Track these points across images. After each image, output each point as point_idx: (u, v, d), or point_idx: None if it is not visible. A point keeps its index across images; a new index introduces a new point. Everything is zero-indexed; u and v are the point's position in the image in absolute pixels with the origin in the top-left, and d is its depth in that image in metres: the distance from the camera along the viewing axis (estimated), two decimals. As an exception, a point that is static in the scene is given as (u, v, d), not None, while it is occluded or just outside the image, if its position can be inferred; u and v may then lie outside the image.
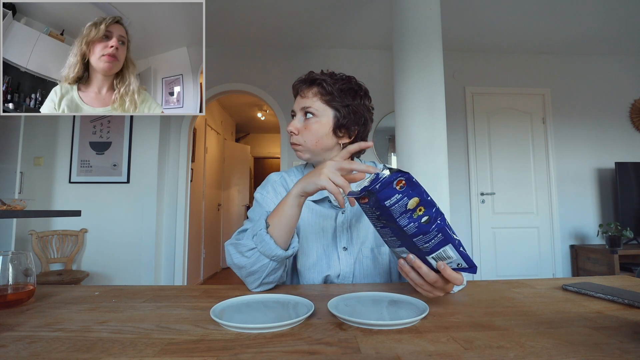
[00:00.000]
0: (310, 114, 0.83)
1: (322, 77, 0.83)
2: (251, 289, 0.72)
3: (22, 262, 0.65)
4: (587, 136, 3.64)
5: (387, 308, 0.58)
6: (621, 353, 0.40)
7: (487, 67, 3.69)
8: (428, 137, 2.14)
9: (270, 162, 7.46)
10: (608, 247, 3.07)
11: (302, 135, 0.83)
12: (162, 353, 0.42)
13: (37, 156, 3.10)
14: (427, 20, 2.22)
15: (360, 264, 0.84)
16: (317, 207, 0.87)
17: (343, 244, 0.84)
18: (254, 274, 0.70)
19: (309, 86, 0.84)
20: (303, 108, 0.83)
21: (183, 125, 3.51)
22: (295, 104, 0.86)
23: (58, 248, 2.95)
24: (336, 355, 0.40)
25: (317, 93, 0.83)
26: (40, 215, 2.67)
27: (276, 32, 3.28)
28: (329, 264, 0.83)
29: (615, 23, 3.14)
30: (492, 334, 0.47)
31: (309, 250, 0.84)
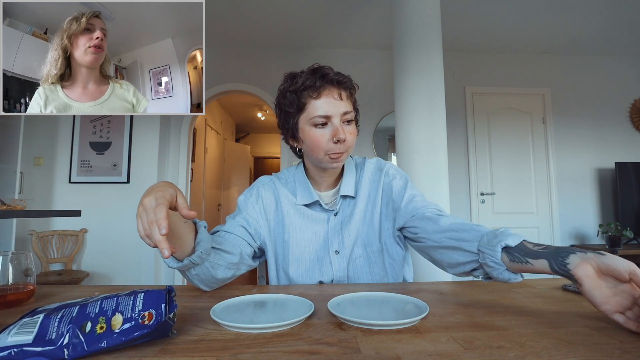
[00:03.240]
0: (352, 120, 0.78)
1: (348, 79, 0.78)
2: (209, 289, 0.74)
3: (22, 262, 0.65)
4: (587, 136, 3.64)
5: (387, 308, 0.58)
6: (621, 353, 0.40)
7: (487, 67, 3.69)
8: (428, 137, 2.14)
9: (270, 162, 7.46)
10: (608, 247, 3.07)
11: (346, 143, 0.76)
12: (162, 353, 0.41)
13: (37, 156, 3.10)
14: (427, 20, 2.23)
15: (353, 265, 0.82)
16: (308, 211, 0.85)
17: (335, 247, 0.83)
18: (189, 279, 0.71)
19: (344, 88, 0.78)
20: (345, 113, 0.76)
21: (183, 125, 3.51)
22: (328, 107, 0.75)
23: (58, 248, 2.95)
24: (336, 355, 0.40)
25: (350, 96, 0.79)
26: (40, 215, 2.67)
27: (276, 32, 3.28)
28: (322, 270, 0.81)
29: (615, 23, 3.14)
30: (492, 334, 0.47)
31: (301, 257, 0.82)
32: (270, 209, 0.86)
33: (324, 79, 0.75)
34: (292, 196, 0.87)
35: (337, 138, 0.74)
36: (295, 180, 0.88)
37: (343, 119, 0.76)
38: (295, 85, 0.76)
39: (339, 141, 0.74)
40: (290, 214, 0.85)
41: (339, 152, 0.76)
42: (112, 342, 0.41)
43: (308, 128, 0.77)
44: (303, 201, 0.85)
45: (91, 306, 0.44)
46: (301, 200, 0.85)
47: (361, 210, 0.85)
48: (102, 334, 0.41)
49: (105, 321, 0.42)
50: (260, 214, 0.85)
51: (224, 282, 0.75)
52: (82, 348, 0.40)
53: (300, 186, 0.86)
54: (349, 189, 0.85)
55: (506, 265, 0.60)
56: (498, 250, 0.59)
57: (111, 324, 0.42)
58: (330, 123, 0.76)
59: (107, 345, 0.41)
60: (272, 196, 0.87)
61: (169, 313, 0.44)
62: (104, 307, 0.43)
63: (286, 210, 0.86)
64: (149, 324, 0.42)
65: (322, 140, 0.75)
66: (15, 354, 0.38)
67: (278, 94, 0.82)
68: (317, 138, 0.76)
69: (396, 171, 0.89)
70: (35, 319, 0.42)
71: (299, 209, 0.85)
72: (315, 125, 0.76)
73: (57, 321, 0.41)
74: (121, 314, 0.43)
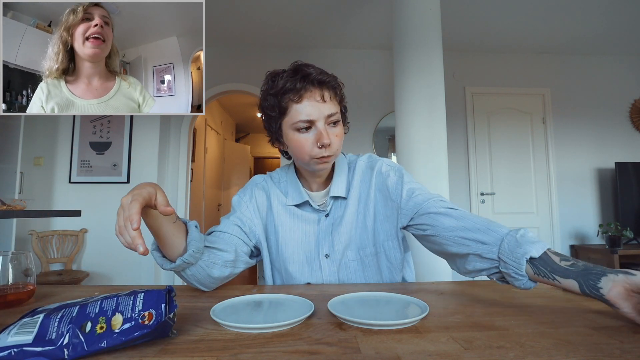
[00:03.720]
0: (338, 121, 0.75)
1: (332, 77, 0.75)
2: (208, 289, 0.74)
3: (22, 262, 0.65)
4: (587, 136, 3.64)
5: (387, 308, 0.58)
6: (621, 353, 0.40)
7: (487, 67, 3.69)
8: (428, 137, 2.14)
9: (270, 162, 7.46)
10: (608, 247, 3.07)
11: (332, 146, 0.73)
12: (162, 353, 0.41)
13: (37, 156, 3.10)
14: (427, 20, 2.22)
15: (345, 270, 0.80)
16: (298, 211, 0.83)
17: (325, 251, 0.80)
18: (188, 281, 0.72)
19: (328, 88, 0.73)
20: (330, 115, 0.72)
21: (183, 125, 3.51)
22: (311, 111, 0.71)
23: (58, 248, 2.95)
24: (336, 355, 0.40)
25: (333, 96, 0.74)
26: (40, 215, 2.67)
27: (276, 32, 3.28)
28: (311, 273, 0.80)
29: (615, 23, 3.14)
30: (492, 334, 0.47)
31: (291, 258, 0.81)
32: (263, 208, 0.85)
33: (305, 79, 0.70)
34: (283, 196, 0.85)
35: (321, 143, 0.71)
36: (287, 180, 0.87)
37: (328, 121, 0.72)
38: (275, 87, 0.72)
39: (323, 146, 0.71)
40: (281, 214, 0.84)
41: (325, 156, 0.73)
42: (112, 342, 0.41)
43: (291, 133, 0.73)
44: (293, 201, 0.83)
45: (91, 306, 0.44)
46: (291, 200, 0.83)
47: (352, 213, 0.82)
48: (102, 334, 0.41)
49: (105, 321, 0.42)
50: (254, 213, 0.84)
51: (222, 281, 0.75)
52: (82, 348, 0.40)
53: (291, 186, 0.85)
54: (340, 189, 0.82)
55: (529, 276, 0.59)
56: (523, 263, 0.59)
57: (111, 324, 0.42)
58: (314, 127, 0.72)
59: (107, 345, 0.41)
60: (264, 196, 0.86)
61: (169, 313, 0.44)
62: (104, 307, 0.43)
63: (277, 210, 0.84)
64: (149, 324, 0.42)
65: (306, 145, 0.72)
66: (15, 354, 0.38)
67: (260, 95, 0.78)
68: (301, 143, 0.72)
69: (389, 167, 0.84)
70: (35, 319, 0.42)
71: (289, 209, 0.84)
72: (299, 130, 0.72)
73: (57, 321, 0.41)
74: (121, 314, 0.43)
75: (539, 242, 0.59)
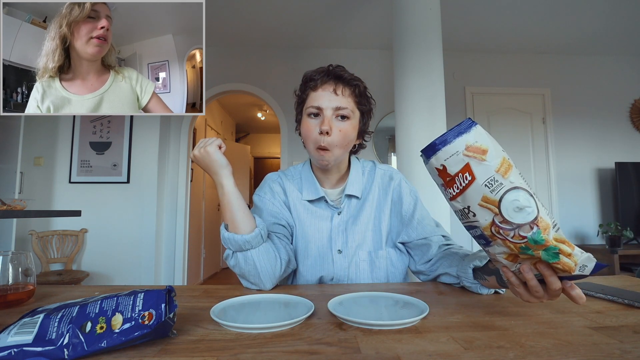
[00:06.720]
0: (346, 116, 0.78)
1: (354, 77, 0.80)
2: (267, 288, 0.72)
3: (22, 262, 0.65)
4: (587, 136, 3.64)
5: (387, 308, 0.58)
6: (621, 353, 0.40)
7: (487, 67, 3.69)
8: (428, 137, 2.14)
9: (270, 162, 7.45)
10: (608, 247, 3.07)
11: (333, 138, 0.76)
12: (162, 353, 0.41)
13: (37, 156, 3.10)
14: (427, 20, 2.22)
15: (356, 268, 0.82)
16: (312, 207, 0.86)
17: (338, 246, 0.83)
18: (251, 273, 0.71)
19: (345, 84, 0.78)
20: (338, 108, 0.77)
21: (183, 125, 3.51)
22: (322, 100, 0.77)
23: (58, 248, 2.95)
24: (336, 355, 0.40)
25: (351, 94, 0.79)
26: (40, 215, 2.67)
27: (276, 32, 3.28)
28: (323, 266, 0.82)
29: (615, 23, 3.14)
30: (492, 334, 0.47)
31: (307, 250, 0.83)
32: (285, 201, 0.88)
33: (326, 73, 0.78)
34: (298, 192, 0.88)
35: (321, 129, 0.75)
36: (302, 177, 0.89)
37: (336, 113, 0.77)
38: (305, 77, 0.82)
39: (321, 132, 0.76)
40: (298, 208, 0.86)
41: (324, 146, 0.76)
42: (112, 342, 0.41)
43: (304, 118, 0.81)
44: (309, 197, 0.85)
45: (91, 306, 0.44)
46: (307, 195, 0.86)
47: (369, 215, 0.85)
48: (102, 334, 0.41)
49: (105, 321, 0.42)
50: (281, 206, 0.87)
51: (274, 277, 0.72)
52: (82, 348, 0.40)
53: (307, 182, 0.87)
54: (355, 189, 0.86)
55: (480, 283, 0.67)
56: (469, 272, 0.67)
57: (111, 324, 0.42)
58: (322, 115, 0.77)
59: (107, 345, 0.41)
60: (282, 191, 0.89)
61: (169, 313, 0.44)
62: (104, 307, 0.43)
63: (293, 205, 0.87)
64: (149, 324, 0.42)
65: (312, 130, 0.78)
66: (15, 354, 0.38)
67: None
68: (308, 127, 0.79)
69: (407, 185, 0.89)
70: (35, 319, 0.42)
71: (304, 204, 0.86)
72: (309, 115, 0.79)
73: (57, 321, 0.41)
74: (121, 314, 0.43)
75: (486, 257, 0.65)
